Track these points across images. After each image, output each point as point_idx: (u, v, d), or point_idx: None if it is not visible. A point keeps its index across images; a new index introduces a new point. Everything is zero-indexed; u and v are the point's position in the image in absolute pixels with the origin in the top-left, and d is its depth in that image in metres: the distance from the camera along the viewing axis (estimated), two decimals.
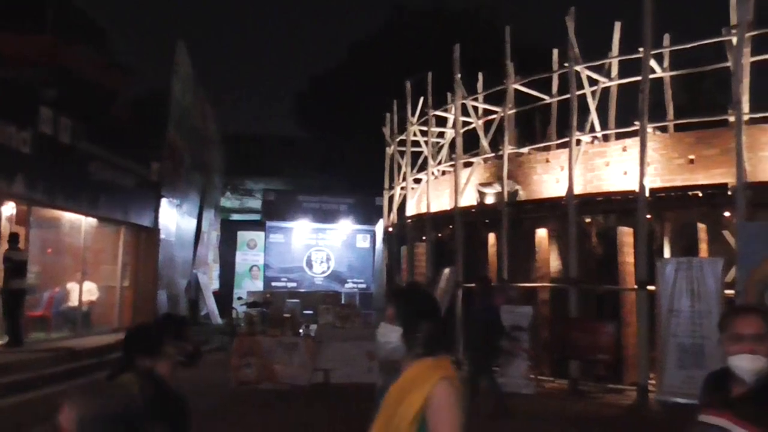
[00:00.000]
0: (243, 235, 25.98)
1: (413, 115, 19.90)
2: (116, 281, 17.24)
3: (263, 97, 65.46)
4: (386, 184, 22.60)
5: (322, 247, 24.84)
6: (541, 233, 14.68)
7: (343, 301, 16.58)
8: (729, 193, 11.54)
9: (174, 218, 20.62)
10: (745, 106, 12.14)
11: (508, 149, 15.26)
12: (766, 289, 10.43)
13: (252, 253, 25.61)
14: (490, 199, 15.60)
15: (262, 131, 37.68)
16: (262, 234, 24.78)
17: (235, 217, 30.49)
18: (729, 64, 12.55)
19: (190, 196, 22.48)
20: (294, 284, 23.90)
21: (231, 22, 74.89)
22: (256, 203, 30.34)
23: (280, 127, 65.01)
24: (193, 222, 22.94)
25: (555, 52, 16.67)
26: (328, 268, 24.73)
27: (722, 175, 11.87)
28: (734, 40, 12.11)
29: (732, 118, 11.84)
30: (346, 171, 30.32)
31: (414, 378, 2.68)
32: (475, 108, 17.65)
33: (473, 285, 11.61)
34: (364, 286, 24.65)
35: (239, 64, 69.33)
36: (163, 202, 19.08)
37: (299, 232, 24.61)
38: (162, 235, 18.83)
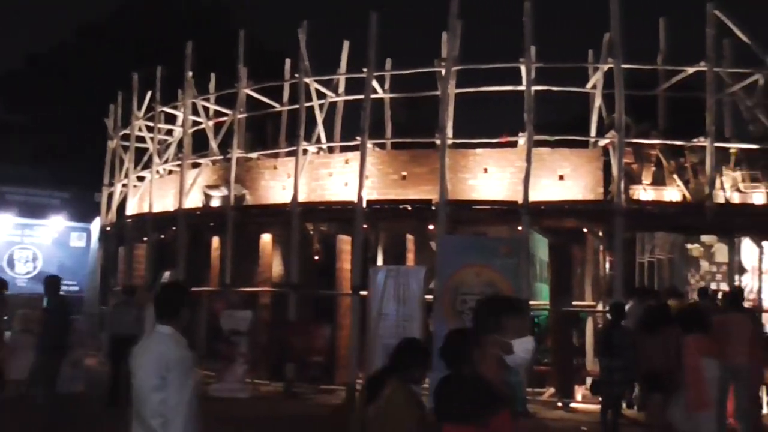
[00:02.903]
0: None
1: (140, 109, 18.91)
2: None
3: None
4: (106, 180, 21.11)
5: (27, 245, 22.34)
6: (266, 238, 14.89)
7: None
8: (433, 208, 12.79)
9: None
10: (450, 132, 13.62)
11: (237, 153, 15.25)
12: (458, 296, 11.71)
13: None
14: (216, 202, 15.42)
15: None
16: None
17: None
18: (438, 92, 13.94)
19: None
20: None
21: None
22: None
23: None
24: None
25: (288, 61, 17.06)
26: (35, 268, 22.32)
27: (429, 192, 13.13)
28: (443, 71, 13.52)
29: (438, 141, 13.15)
30: (61, 162, 27.71)
31: None
32: (206, 108, 17.34)
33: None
34: (76, 288, 22.69)
35: None
36: None
37: None
38: None
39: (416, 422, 3.93)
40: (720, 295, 12.86)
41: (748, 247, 15.47)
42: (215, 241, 15.82)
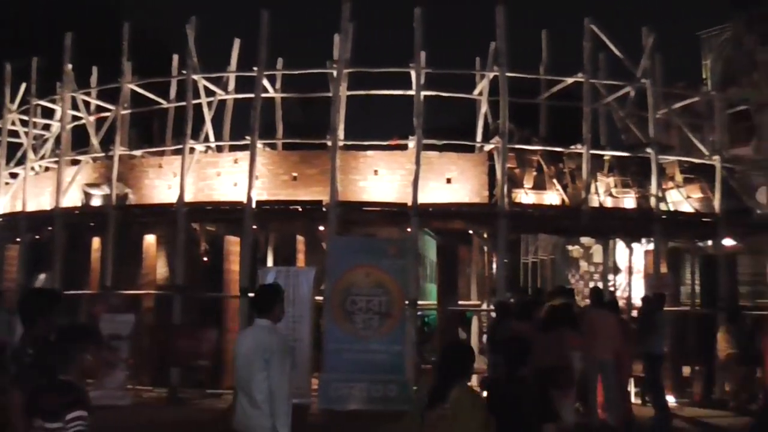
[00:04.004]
0: None
1: (13, 101, 17.73)
2: None
3: None
4: None
5: None
6: (150, 239, 14.40)
7: None
8: (324, 209, 12.81)
9: None
10: (341, 134, 13.69)
11: (119, 150, 14.62)
12: (349, 296, 11.80)
13: None
14: (96, 201, 14.72)
15: None
16: None
17: None
18: (330, 93, 13.97)
19: None
20: None
21: None
22: None
23: None
24: None
25: (175, 57, 16.56)
26: None
27: (320, 193, 13.14)
28: (335, 73, 13.57)
29: (330, 143, 13.18)
30: None
31: None
32: (87, 103, 16.50)
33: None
34: None
35: None
36: None
37: None
38: None
39: (483, 423, 4.35)
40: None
41: (622, 248, 16.52)
42: (96, 242, 15.10)
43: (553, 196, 14.37)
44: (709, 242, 15.05)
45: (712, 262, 14.42)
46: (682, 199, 15.22)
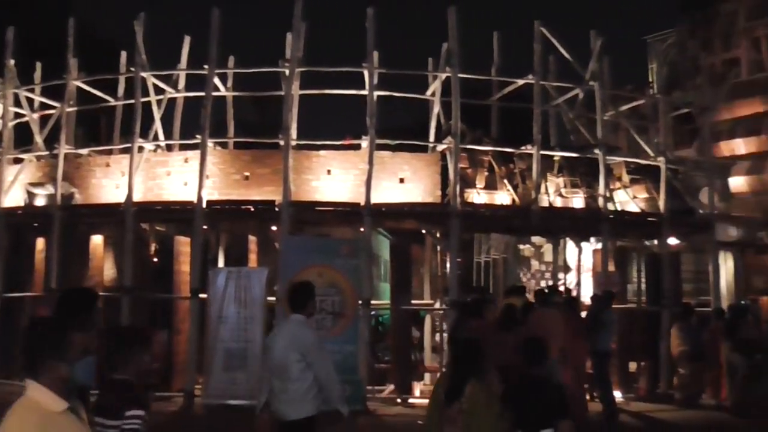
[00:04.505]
0: None
1: None
2: None
3: None
4: None
5: None
6: (97, 240, 14.07)
7: None
8: (276, 209, 12.71)
9: None
10: (294, 133, 13.61)
11: (64, 149, 14.22)
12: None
13: None
14: (41, 201, 14.31)
15: None
16: None
17: None
18: (283, 92, 13.86)
19: None
20: None
21: None
22: None
23: None
24: None
25: (123, 54, 16.20)
26: None
27: (272, 193, 13.03)
28: (287, 72, 13.48)
29: (282, 142, 13.09)
30: None
31: None
32: (30, 100, 16.00)
33: None
34: None
35: None
36: None
37: None
38: None
39: (498, 416, 4.68)
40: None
41: (572, 247, 16.85)
42: (40, 242, 14.65)
43: (504, 196, 14.57)
44: (655, 241, 15.46)
45: (657, 260, 14.82)
46: (628, 199, 15.61)
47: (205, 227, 13.16)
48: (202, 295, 12.32)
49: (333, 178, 13.48)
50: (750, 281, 22.76)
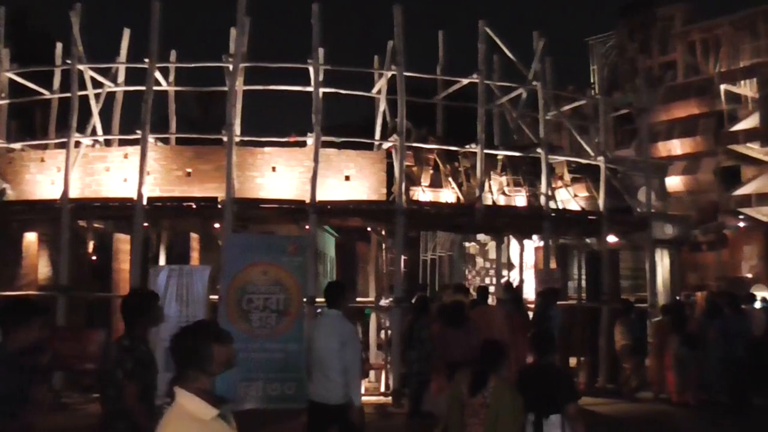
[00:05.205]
0: None
1: None
2: None
3: None
4: None
5: None
6: (30, 237, 13.59)
7: None
8: (219, 206, 12.50)
9: None
10: (238, 129, 13.42)
11: None
12: (245, 295, 11.56)
13: None
14: None
15: None
16: None
17: None
18: (226, 88, 13.64)
19: None
20: None
21: None
22: None
23: None
24: None
25: (59, 46, 15.66)
26: None
27: (215, 190, 12.81)
28: (231, 67, 13.27)
29: (225, 138, 12.88)
30: None
31: None
32: None
33: None
34: None
35: None
36: None
37: None
38: None
39: (519, 408, 5.17)
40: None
41: (515, 245, 17.11)
42: None
43: (449, 194, 14.68)
44: (595, 239, 15.83)
45: (596, 257, 15.18)
46: (569, 197, 15.95)
47: (145, 225, 12.87)
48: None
49: (278, 175, 13.34)
50: (685, 278, 23.59)
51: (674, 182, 30.08)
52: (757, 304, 14.81)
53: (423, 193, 14.40)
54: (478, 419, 5.14)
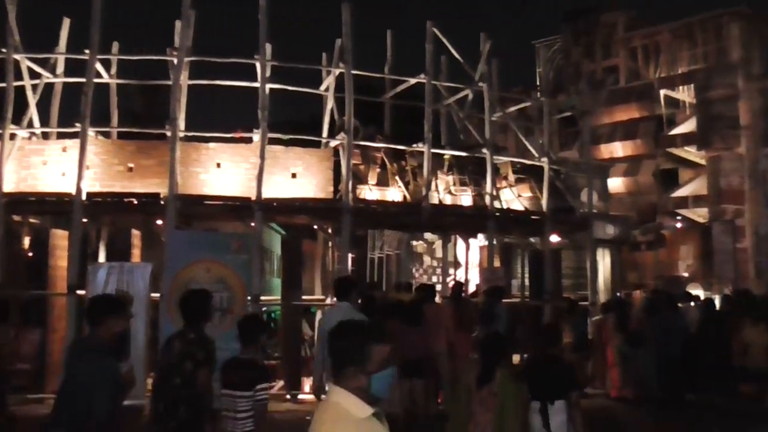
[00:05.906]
0: None
1: None
2: None
3: None
4: None
5: None
6: None
7: None
8: (162, 202, 12.25)
9: None
10: (182, 124, 13.16)
11: None
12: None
13: None
14: None
15: None
16: None
17: None
18: (170, 82, 13.37)
19: None
20: None
21: None
22: None
23: None
24: None
25: None
26: None
27: (158, 185, 12.54)
28: (175, 60, 13.02)
29: (169, 133, 12.62)
30: None
31: None
32: None
33: None
34: None
35: None
36: None
37: None
38: None
39: (524, 399, 5.61)
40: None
41: (462, 244, 17.28)
42: None
43: (395, 193, 14.73)
44: (538, 238, 16.12)
45: (539, 256, 15.46)
46: (514, 197, 16.20)
47: (84, 220, 12.51)
48: (81, 292, 11.68)
49: (223, 171, 13.14)
50: (625, 276, 24.23)
51: (615, 184, 30.83)
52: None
53: (370, 192, 14.41)
54: (485, 407, 5.47)
